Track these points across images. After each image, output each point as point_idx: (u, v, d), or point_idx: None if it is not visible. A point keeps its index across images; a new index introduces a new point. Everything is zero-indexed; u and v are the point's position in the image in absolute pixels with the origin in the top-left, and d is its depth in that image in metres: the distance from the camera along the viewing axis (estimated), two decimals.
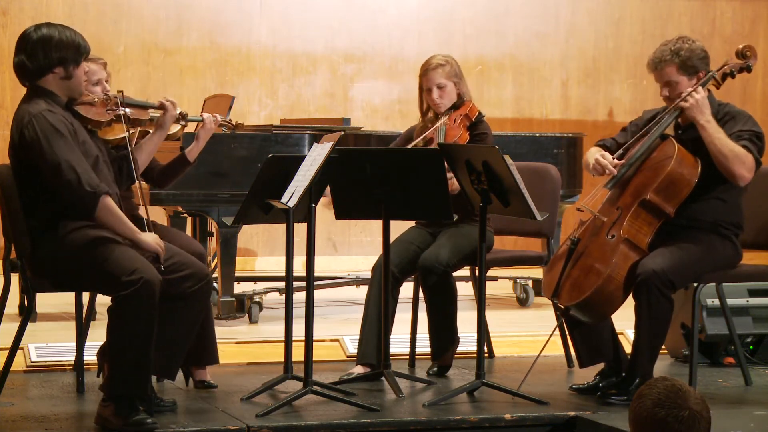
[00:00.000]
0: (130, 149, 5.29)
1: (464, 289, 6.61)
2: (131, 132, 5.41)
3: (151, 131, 5.46)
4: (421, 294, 6.12)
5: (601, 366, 5.73)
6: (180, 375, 5.49)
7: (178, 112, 5.44)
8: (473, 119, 6.12)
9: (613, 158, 5.59)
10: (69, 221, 5.02)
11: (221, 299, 7.19)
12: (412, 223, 6.32)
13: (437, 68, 6.15)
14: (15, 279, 5.62)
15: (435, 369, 6.12)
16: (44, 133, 4.94)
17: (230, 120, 5.77)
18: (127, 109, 5.35)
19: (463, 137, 6.07)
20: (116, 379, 4.92)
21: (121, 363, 4.91)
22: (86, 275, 5.03)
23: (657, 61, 5.58)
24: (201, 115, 5.62)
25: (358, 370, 5.95)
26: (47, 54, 5.05)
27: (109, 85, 5.67)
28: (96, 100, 5.30)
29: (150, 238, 5.03)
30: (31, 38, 5.07)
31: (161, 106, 5.41)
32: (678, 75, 5.57)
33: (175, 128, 5.53)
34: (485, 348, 5.94)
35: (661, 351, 5.69)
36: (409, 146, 6.12)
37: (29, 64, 5.07)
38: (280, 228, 5.62)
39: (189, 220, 8.03)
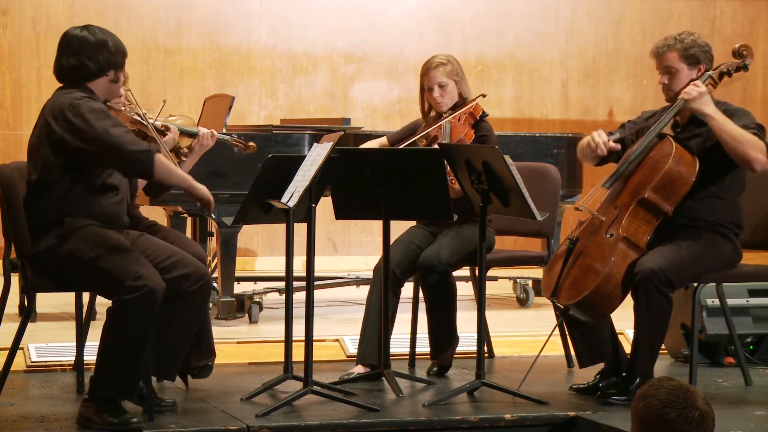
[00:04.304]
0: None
1: (464, 289, 6.60)
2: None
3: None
4: (421, 294, 6.12)
5: (601, 366, 5.73)
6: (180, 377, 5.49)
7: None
8: (477, 117, 6.13)
9: (609, 140, 5.62)
10: (74, 218, 5.01)
11: (221, 299, 7.19)
12: (412, 223, 6.32)
13: (438, 67, 6.16)
14: (15, 279, 5.61)
15: (435, 369, 6.12)
16: (90, 113, 4.93)
17: (242, 139, 5.85)
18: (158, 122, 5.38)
19: (468, 135, 6.08)
20: (104, 380, 4.90)
21: (111, 366, 4.90)
22: (89, 276, 5.01)
23: (660, 46, 5.61)
24: (198, 128, 5.63)
25: (359, 370, 5.95)
26: (98, 57, 5.06)
27: (126, 86, 5.62)
28: (123, 109, 5.31)
29: (204, 188, 5.07)
30: (88, 41, 5.06)
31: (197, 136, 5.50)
32: (679, 62, 5.59)
33: (186, 142, 5.53)
34: (485, 348, 5.94)
35: (661, 351, 5.69)
36: (412, 141, 6.12)
37: (91, 65, 5.05)
38: (280, 228, 5.62)
39: (189, 220, 8.03)
